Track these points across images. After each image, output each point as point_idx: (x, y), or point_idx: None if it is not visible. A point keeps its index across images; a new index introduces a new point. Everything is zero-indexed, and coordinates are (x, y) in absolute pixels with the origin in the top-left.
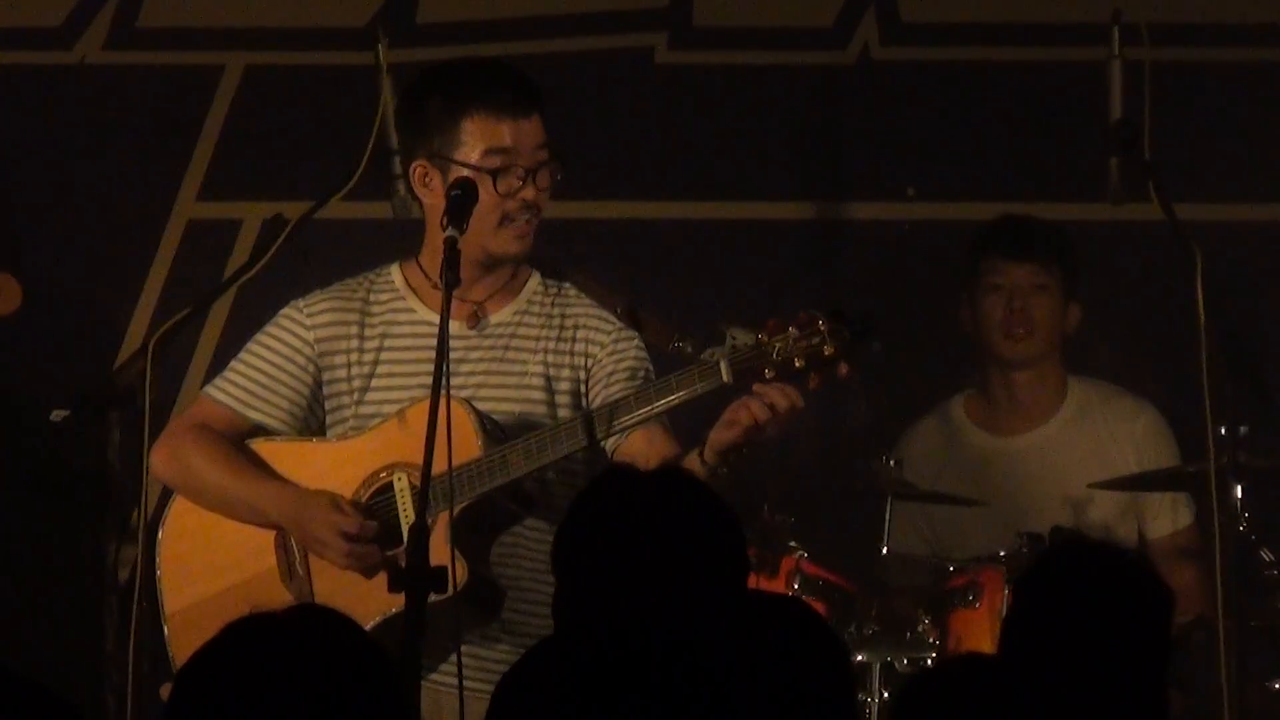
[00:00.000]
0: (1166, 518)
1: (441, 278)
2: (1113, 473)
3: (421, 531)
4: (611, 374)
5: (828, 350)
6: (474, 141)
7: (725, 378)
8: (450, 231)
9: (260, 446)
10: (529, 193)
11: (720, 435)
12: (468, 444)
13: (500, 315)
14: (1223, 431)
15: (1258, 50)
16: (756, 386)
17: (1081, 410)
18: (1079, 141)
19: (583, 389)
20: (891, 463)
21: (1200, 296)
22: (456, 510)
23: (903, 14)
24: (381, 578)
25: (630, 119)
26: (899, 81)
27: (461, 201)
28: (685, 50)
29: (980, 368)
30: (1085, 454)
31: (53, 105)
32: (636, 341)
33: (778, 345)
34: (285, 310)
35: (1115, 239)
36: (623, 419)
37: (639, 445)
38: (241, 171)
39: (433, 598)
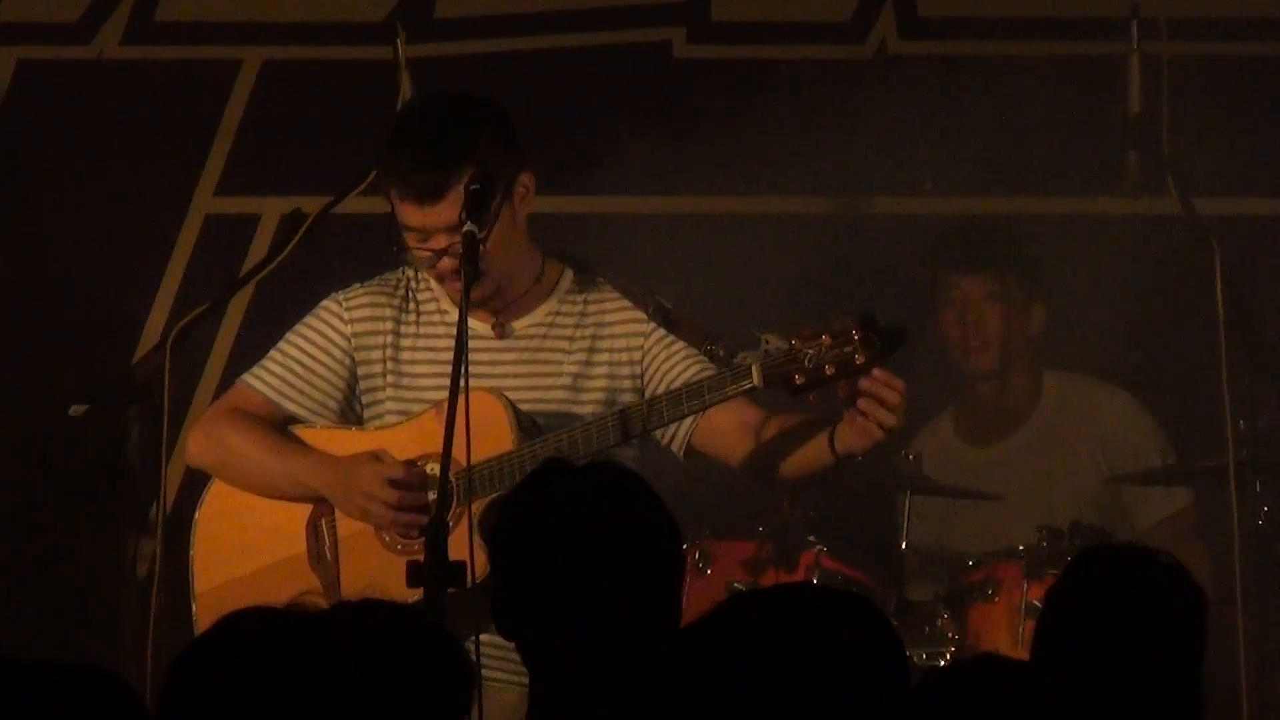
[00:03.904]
0: (1160, 502)
1: (460, 272)
2: (1079, 471)
3: (440, 526)
4: (669, 358)
5: (859, 359)
6: (396, 208)
7: (756, 382)
8: (469, 226)
9: (300, 432)
10: (445, 264)
11: (855, 443)
12: (500, 437)
13: (530, 318)
14: (1241, 425)
15: (1275, 44)
16: (865, 385)
17: (1056, 410)
18: (1097, 135)
19: (636, 383)
20: (910, 457)
21: (1219, 290)
22: (485, 502)
23: (920, 8)
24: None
25: (648, 113)
26: (916, 75)
27: (480, 196)
28: (704, 44)
29: (957, 378)
30: (1057, 454)
31: (71, 100)
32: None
33: (810, 352)
34: (325, 301)
35: (1133, 233)
36: (656, 420)
37: (724, 415)
38: (259, 166)
39: (451, 592)
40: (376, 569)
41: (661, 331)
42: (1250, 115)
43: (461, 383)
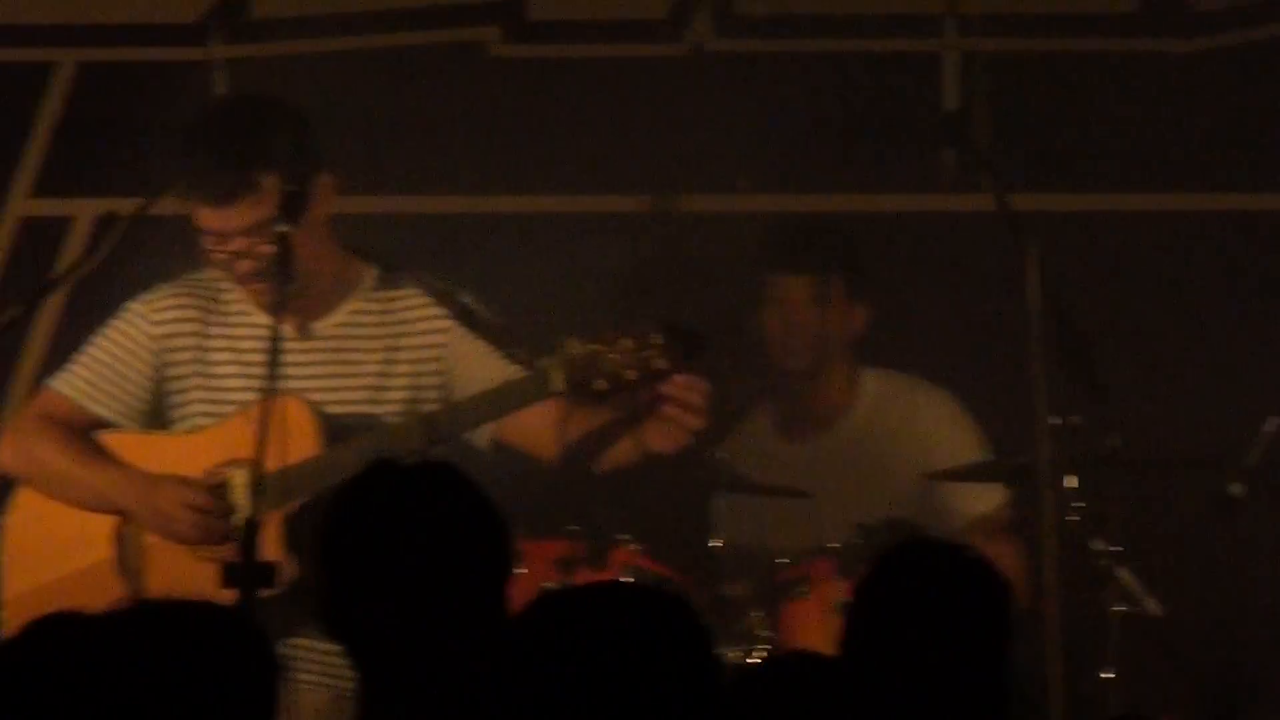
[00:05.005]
0: (975, 500)
1: (259, 274)
2: (895, 468)
3: (253, 527)
4: (473, 359)
5: (659, 364)
6: (192, 211)
7: (559, 387)
8: (282, 226)
9: (107, 438)
10: (243, 266)
11: (662, 444)
12: (307, 442)
13: (331, 318)
14: (1060, 422)
15: (1093, 40)
16: (668, 390)
17: (874, 408)
18: (913, 132)
19: (440, 381)
20: (720, 456)
21: (1032, 286)
22: (292, 507)
23: (735, 6)
24: (212, 573)
25: (463, 112)
26: (732, 73)
27: (295, 196)
28: (519, 44)
29: (772, 374)
30: (874, 452)
31: None
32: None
33: (612, 357)
34: (129, 304)
35: (950, 230)
36: (457, 424)
37: (530, 411)
38: (75, 168)
39: (264, 593)
40: (183, 575)
41: (464, 331)
42: (1066, 111)
43: (272, 386)
